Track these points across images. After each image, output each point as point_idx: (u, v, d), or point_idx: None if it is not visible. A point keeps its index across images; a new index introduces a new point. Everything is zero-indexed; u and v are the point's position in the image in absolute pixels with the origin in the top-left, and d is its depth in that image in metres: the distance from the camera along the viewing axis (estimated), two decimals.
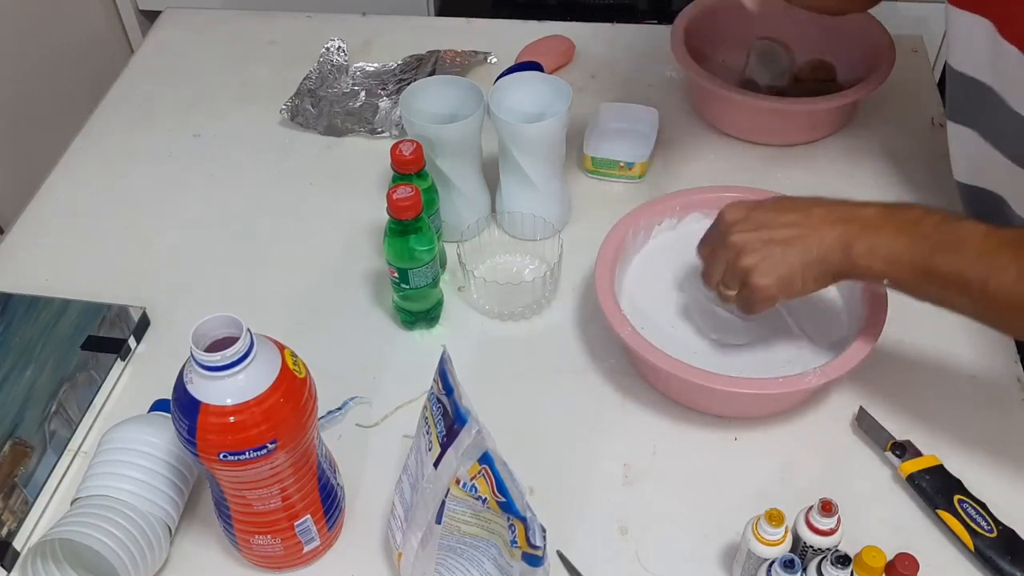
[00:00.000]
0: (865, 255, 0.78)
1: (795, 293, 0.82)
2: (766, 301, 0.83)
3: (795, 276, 0.81)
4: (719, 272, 0.85)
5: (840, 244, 0.79)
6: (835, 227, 0.80)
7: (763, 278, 0.81)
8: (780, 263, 0.81)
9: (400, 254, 0.92)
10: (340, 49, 1.31)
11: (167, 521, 0.79)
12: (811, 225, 0.81)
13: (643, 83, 1.28)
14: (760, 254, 0.82)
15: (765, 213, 0.84)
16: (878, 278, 0.80)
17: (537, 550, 0.69)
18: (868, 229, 0.78)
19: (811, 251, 0.80)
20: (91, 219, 1.14)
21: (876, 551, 0.70)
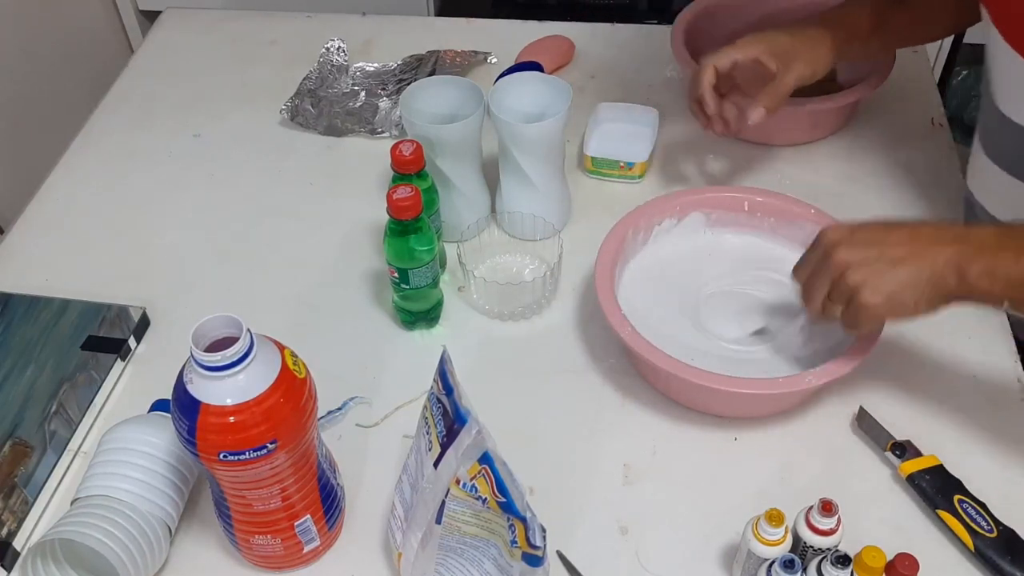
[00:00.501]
0: (983, 277, 0.74)
1: (905, 314, 0.79)
2: (875, 320, 0.80)
3: (906, 296, 0.77)
4: (822, 292, 0.81)
5: (954, 266, 0.75)
6: (948, 247, 0.76)
7: (873, 296, 0.77)
8: (890, 281, 0.77)
9: (400, 254, 0.92)
10: (340, 49, 1.31)
11: (167, 521, 0.79)
12: (922, 245, 0.77)
13: (643, 83, 1.28)
14: (869, 271, 0.77)
15: (871, 232, 0.80)
16: (997, 301, 0.77)
17: (537, 550, 0.69)
18: (985, 250, 0.75)
19: (923, 271, 0.76)
20: (91, 219, 1.14)
21: (876, 551, 0.70)
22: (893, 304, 0.77)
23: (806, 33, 0.96)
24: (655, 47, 1.32)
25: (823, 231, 0.82)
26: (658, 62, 1.30)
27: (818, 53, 0.95)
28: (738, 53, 0.96)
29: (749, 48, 0.96)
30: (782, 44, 0.95)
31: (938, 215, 1.08)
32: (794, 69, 0.95)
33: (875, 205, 1.10)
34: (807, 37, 0.96)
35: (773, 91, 0.96)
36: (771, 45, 0.96)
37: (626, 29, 1.38)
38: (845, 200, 1.08)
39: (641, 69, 1.30)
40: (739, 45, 0.96)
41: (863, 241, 0.79)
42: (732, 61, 0.97)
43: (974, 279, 0.75)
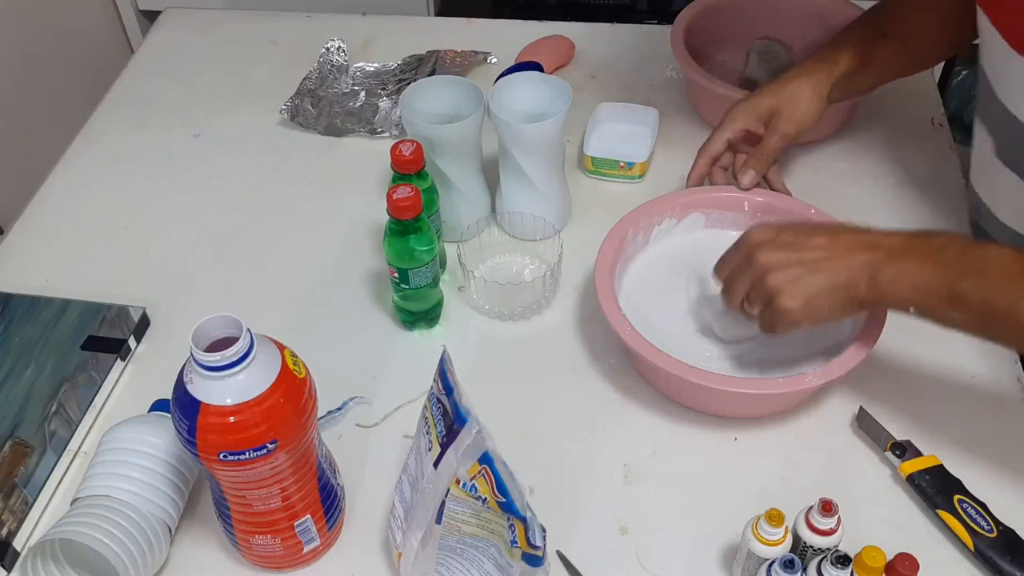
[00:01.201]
0: (891, 283, 0.77)
1: (819, 319, 0.81)
2: (790, 324, 0.82)
3: (822, 301, 0.80)
4: (742, 290, 0.84)
5: (867, 272, 0.78)
6: (862, 254, 0.79)
7: (790, 300, 0.80)
8: (808, 286, 0.80)
9: (400, 254, 0.92)
10: (340, 49, 1.31)
11: (167, 521, 0.79)
12: (839, 251, 0.80)
13: (643, 83, 1.28)
14: (788, 275, 0.80)
15: (793, 235, 0.83)
16: (904, 306, 0.78)
17: (537, 550, 0.69)
18: (894, 257, 0.77)
19: (839, 277, 0.79)
20: (91, 219, 1.14)
21: (876, 551, 0.70)
22: (809, 309, 0.80)
23: (786, 90, 0.99)
24: (655, 47, 1.32)
25: (748, 231, 0.86)
26: (658, 62, 1.30)
27: (801, 109, 0.99)
28: (727, 132, 1.00)
29: (736, 122, 1.00)
30: (766, 107, 0.99)
31: (938, 215, 1.08)
32: (779, 130, 0.99)
33: (875, 205, 1.10)
34: (788, 95, 0.99)
35: (760, 155, 1.00)
36: (755, 112, 1.00)
37: (626, 29, 1.38)
38: (845, 200, 1.08)
39: (641, 69, 1.30)
40: (726, 123, 1.01)
41: (784, 244, 0.82)
42: (724, 143, 1.01)
43: (883, 285, 0.78)
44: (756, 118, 1.00)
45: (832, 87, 1.00)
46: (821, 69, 1.00)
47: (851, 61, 1.00)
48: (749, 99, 1.01)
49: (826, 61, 1.00)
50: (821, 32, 1.21)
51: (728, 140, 1.01)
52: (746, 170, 0.99)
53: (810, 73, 1.00)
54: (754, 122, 1.00)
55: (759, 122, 1.00)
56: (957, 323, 0.77)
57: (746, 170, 0.99)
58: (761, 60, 1.20)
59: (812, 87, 0.99)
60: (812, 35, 1.22)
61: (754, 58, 1.21)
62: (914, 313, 0.79)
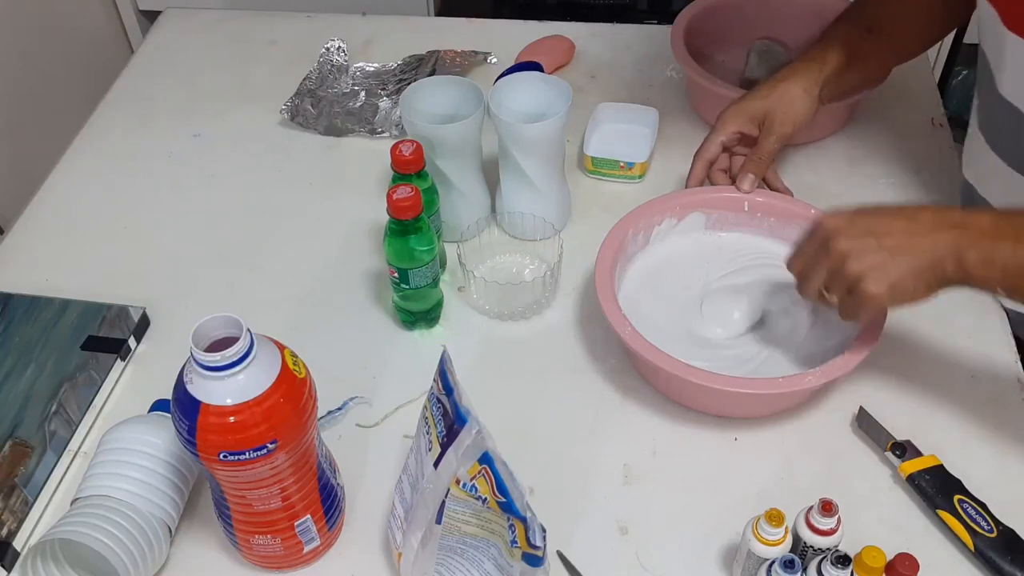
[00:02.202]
0: (981, 264, 0.75)
1: (906, 301, 0.79)
2: (876, 310, 0.81)
3: (907, 284, 0.77)
4: (820, 279, 0.82)
5: (953, 252, 0.76)
6: (947, 233, 0.76)
7: (875, 286, 0.78)
8: (892, 271, 0.77)
9: (400, 254, 0.92)
10: (340, 49, 1.31)
11: (167, 521, 0.79)
12: (921, 231, 0.78)
13: (643, 83, 1.28)
14: (870, 260, 0.78)
15: (870, 219, 0.80)
16: (993, 288, 0.77)
17: (537, 550, 0.69)
18: (984, 237, 0.75)
19: (923, 258, 0.77)
20: (91, 219, 1.14)
21: (876, 551, 0.70)
22: (895, 293, 0.78)
23: (777, 92, 0.99)
24: (655, 47, 1.32)
25: (820, 219, 0.83)
26: (658, 62, 1.30)
27: (793, 109, 0.99)
28: (721, 136, 1.00)
29: (729, 125, 1.00)
30: (758, 109, 0.99)
31: None
32: (773, 131, 0.99)
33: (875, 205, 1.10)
34: (779, 96, 0.99)
35: (757, 157, 1.00)
36: (748, 114, 1.00)
37: (626, 29, 1.38)
38: (845, 200, 1.08)
39: (641, 69, 1.30)
40: (719, 127, 1.00)
41: (861, 230, 0.80)
42: (719, 146, 1.01)
43: (971, 266, 0.75)
44: (749, 120, 1.00)
45: (822, 86, 0.99)
46: (811, 68, 1.00)
47: (839, 59, 1.00)
48: (741, 102, 1.01)
49: (815, 60, 1.00)
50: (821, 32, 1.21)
51: (722, 143, 1.01)
52: (745, 174, 0.99)
53: (799, 73, 1.00)
54: (747, 124, 1.00)
55: (752, 124, 1.00)
56: None
57: (745, 174, 0.99)
58: (761, 60, 1.20)
59: (803, 87, 0.99)
60: (812, 35, 1.21)
61: (754, 58, 1.21)
62: (1002, 294, 0.77)
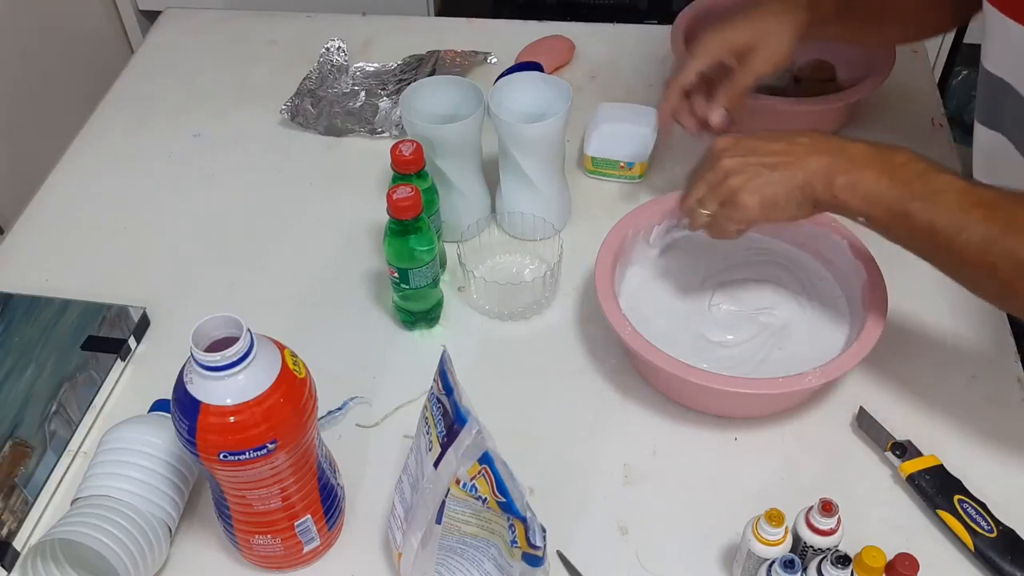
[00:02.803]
0: (845, 189, 0.79)
1: (776, 216, 0.83)
2: (745, 221, 0.84)
3: (778, 199, 0.82)
4: (698, 192, 0.86)
5: (824, 174, 0.80)
6: (821, 157, 0.80)
7: (748, 196, 0.82)
8: (766, 185, 0.82)
9: (400, 254, 0.92)
10: (340, 49, 1.31)
11: (167, 521, 0.79)
12: (798, 153, 0.82)
13: (643, 83, 1.28)
14: (747, 175, 0.82)
15: (755, 141, 0.85)
16: (855, 214, 0.80)
17: (537, 550, 0.69)
18: (853, 164, 0.79)
19: (796, 177, 0.81)
20: (91, 219, 1.14)
21: (876, 551, 0.70)
22: (766, 205, 0.82)
23: (766, 23, 0.96)
24: (655, 47, 1.32)
25: (713, 141, 0.87)
26: (658, 62, 1.30)
27: (778, 46, 0.95)
28: (699, 63, 0.97)
29: (709, 54, 0.97)
30: (742, 42, 0.96)
31: None
32: (753, 67, 0.96)
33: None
34: (766, 29, 0.96)
35: (731, 90, 0.97)
36: (730, 44, 0.96)
37: (626, 29, 1.38)
38: None
39: (641, 69, 1.30)
40: (699, 54, 0.97)
41: (745, 150, 0.84)
42: (696, 75, 0.98)
43: (838, 189, 0.79)
44: (730, 51, 0.96)
45: (809, 29, 0.96)
46: (803, 10, 0.96)
47: (834, 5, 0.98)
48: (723, 30, 0.97)
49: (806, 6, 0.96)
50: None
51: (700, 73, 0.98)
52: (715, 107, 0.98)
53: (790, 12, 0.96)
54: (728, 55, 0.97)
55: (732, 56, 0.97)
56: (900, 240, 0.79)
57: (715, 107, 0.98)
58: None
59: (793, 24, 0.95)
60: None
61: None
62: (863, 223, 0.80)
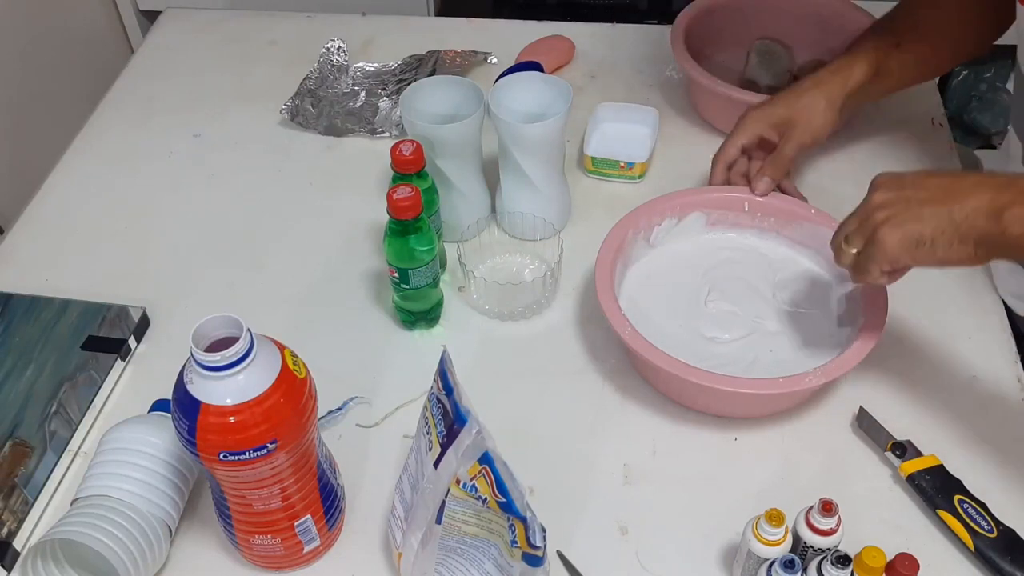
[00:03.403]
0: (1017, 222, 0.71)
1: (922, 256, 0.75)
2: (885, 260, 0.77)
3: (925, 236, 0.74)
4: (847, 228, 0.80)
5: (989, 209, 0.72)
6: (986, 192, 0.73)
7: (889, 231, 0.75)
8: (913, 219, 0.74)
9: (400, 254, 0.92)
10: (340, 49, 1.31)
11: (167, 521, 0.79)
12: (959, 189, 0.74)
13: (643, 83, 1.28)
14: (895, 209, 0.76)
15: (916, 176, 0.79)
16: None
17: (537, 550, 0.69)
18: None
19: (951, 215, 0.73)
20: (91, 219, 1.14)
21: (876, 551, 0.70)
22: (909, 243, 0.75)
23: (801, 102, 1.00)
24: (655, 47, 1.32)
25: (877, 176, 0.81)
26: (658, 62, 1.30)
27: (815, 121, 0.99)
28: (741, 139, 1.01)
29: (750, 129, 1.00)
30: (780, 116, 1.00)
31: None
32: (793, 139, 0.99)
33: None
34: (803, 106, 0.99)
35: (776, 162, 1.00)
36: (769, 120, 1.00)
37: (626, 29, 1.38)
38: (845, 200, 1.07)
39: (641, 69, 1.30)
40: (740, 130, 1.01)
41: (902, 184, 0.78)
42: (738, 149, 1.01)
43: (1008, 223, 0.71)
44: (770, 126, 1.00)
45: (847, 98, 1.00)
46: (835, 81, 0.99)
47: (865, 72, 1.00)
48: (763, 107, 1.01)
49: (840, 73, 1.00)
50: (821, 32, 1.21)
51: (742, 146, 1.01)
52: (761, 177, 1.00)
53: (824, 84, 1.00)
54: (768, 130, 1.00)
55: (773, 130, 1.00)
56: None
57: (761, 177, 1.00)
58: (761, 60, 1.20)
59: (827, 99, 0.99)
60: (812, 35, 1.22)
61: (754, 58, 1.21)
62: None
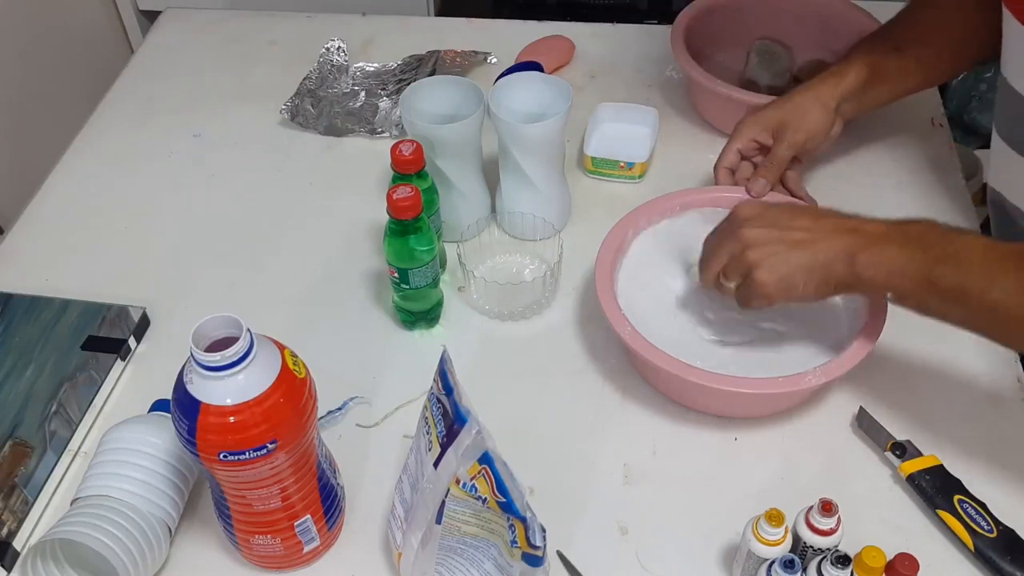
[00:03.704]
0: (868, 266, 0.79)
1: (794, 296, 0.83)
2: (763, 298, 0.83)
3: (796, 279, 0.81)
4: (720, 263, 0.86)
5: (845, 254, 0.79)
6: (843, 237, 0.80)
7: (766, 274, 0.82)
8: (784, 263, 0.81)
9: (400, 254, 0.92)
10: (340, 49, 1.31)
11: (167, 521, 0.79)
12: (821, 232, 0.82)
13: (643, 83, 1.28)
14: (767, 250, 0.82)
15: (779, 214, 0.85)
16: (880, 290, 0.80)
17: (537, 550, 0.69)
18: (874, 241, 0.79)
19: (817, 257, 0.81)
20: (91, 219, 1.14)
21: (876, 551, 0.70)
22: (783, 285, 0.82)
23: (793, 102, 1.02)
24: (655, 47, 1.32)
25: (737, 205, 0.87)
26: (658, 62, 1.30)
27: (807, 119, 1.01)
28: (737, 144, 1.03)
29: (745, 134, 1.03)
30: (773, 119, 1.02)
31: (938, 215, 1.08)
32: (786, 139, 1.01)
33: (875, 205, 1.08)
34: (794, 106, 1.01)
35: (770, 163, 1.02)
36: (763, 124, 1.02)
37: (626, 29, 1.38)
38: (845, 200, 1.07)
39: (641, 69, 1.30)
40: (735, 135, 1.03)
41: (768, 222, 0.84)
42: (736, 154, 1.03)
43: (860, 268, 0.79)
44: (763, 129, 1.02)
45: (840, 100, 1.01)
46: (828, 82, 1.01)
47: (860, 75, 1.01)
48: (757, 112, 1.02)
49: (833, 75, 1.02)
50: (821, 32, 1.21)
51: (739, 151, 1.03)
52: (756, 178, 1.01)
53: (817, 86, 1.02)
54: (762, 133, 1.02)
55: (767, 133, 1.02)
56: (931, 309, 0.78)
57: (756, 178, 1.01)
58: (761, 60, 1.20)
59: (817, 98, 1.01)
60: (812, 35, 1.22)
61: (754, 58, 1.21)
62: (891, 299, 0.81)
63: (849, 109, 1.02)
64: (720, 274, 0.87)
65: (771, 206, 0.87)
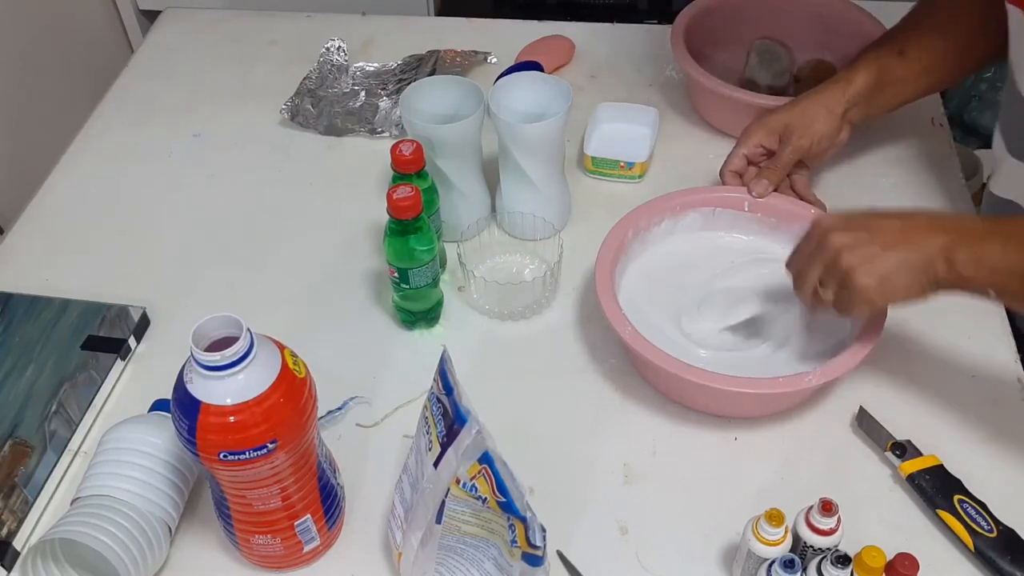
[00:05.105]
0: (970, 264, 0.76)
1: (896, 298, 0.81)
2: (865, 303, 0.81)
3: (898, 280, 0.79)
4: (815, 274, 0.83)
5: (944, 251, 0.77)
6: (938, 235, 0.78)
7: (866, 278, 0.79)
8: (883, 264, 0.79)
9: (400, 254, 0.92)
10: (340, 49, 1.31)
11: (167, 521, 0.79)
12: (914, 231, 0.79)
13: (643, 83, 1.28)
14: (862, 253, 0.79)
15: (864, 218, 0.83)
16: (983, 289, 0.78)
17: (537, 550, 0.69)
18: (973, 239, 0.77)
19: (915, 257, 0.78)
20: (91, 219, 1.14)
21: (876, 551, 0.70)
22: (885, 287, 0.79)
23: (799, 107, 1.02)
24: (655, 47, 1.32)
25: (817, 219, 0.85)
26: (658, 62, 1.30)
27: (813, 124, 1.01)
28: (743, 148, 1.03)
29: (752, 139, 1.03)
30: (779, 124, 1.02)
31: None
32: (791, 143, 1.01)
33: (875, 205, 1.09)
34: (800, 111, 1.02)
35: (774, 165, 1.02)
36: (769, 128, 1.02)
37: (626, 29, 1.38)
38: (845, 200, 1.08)
39: (641, 69, 1.30)
40: (742, 140, 1.03)
41: (857, 226, 0.82)
42: (742, 158, 1.03)
43: (961, 266, 0.77)
44: (769, 133, 1.02)
45: (847, 106, 1.01)
46: (834, 88, 1.01)
47: (866, 80, 1.01)
48: (764, 118, 1.03)
49: (839, 81, 1.01)
50: (821, 32, 1.21)
51: (745, 155, 1.03)
52: (759, 179, 1.01)
53: (823, 91, 1.02)
54: (768, 138, 1.02)
55: (772, 137, 1.02)
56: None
57: (759, 179, 1.01)
58: (761, 60, 1.20)
59: (823, 104, 1.01)
60: (812, 35, 1.22)
61: (754, 58, 1.21)
62: (993, 297, 0.79)
63: (856, 115, 1.02)
64: (817, 288, 0.83)
65: (851, 212, 0.84)
